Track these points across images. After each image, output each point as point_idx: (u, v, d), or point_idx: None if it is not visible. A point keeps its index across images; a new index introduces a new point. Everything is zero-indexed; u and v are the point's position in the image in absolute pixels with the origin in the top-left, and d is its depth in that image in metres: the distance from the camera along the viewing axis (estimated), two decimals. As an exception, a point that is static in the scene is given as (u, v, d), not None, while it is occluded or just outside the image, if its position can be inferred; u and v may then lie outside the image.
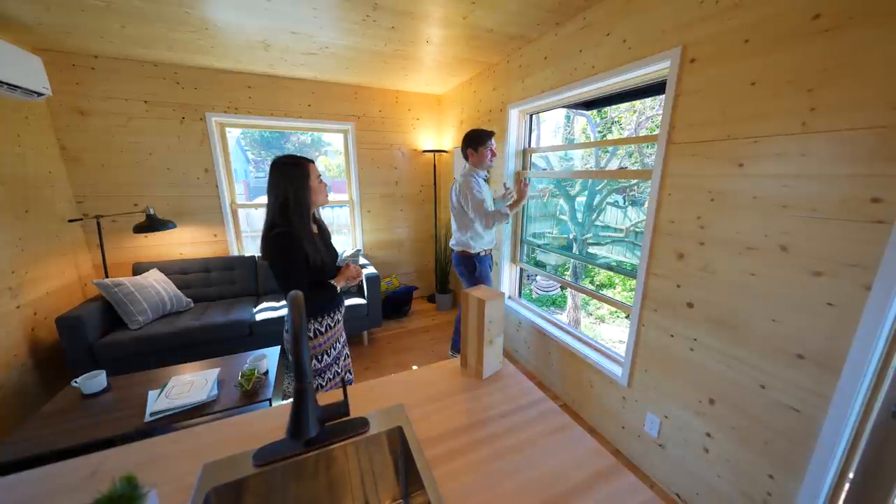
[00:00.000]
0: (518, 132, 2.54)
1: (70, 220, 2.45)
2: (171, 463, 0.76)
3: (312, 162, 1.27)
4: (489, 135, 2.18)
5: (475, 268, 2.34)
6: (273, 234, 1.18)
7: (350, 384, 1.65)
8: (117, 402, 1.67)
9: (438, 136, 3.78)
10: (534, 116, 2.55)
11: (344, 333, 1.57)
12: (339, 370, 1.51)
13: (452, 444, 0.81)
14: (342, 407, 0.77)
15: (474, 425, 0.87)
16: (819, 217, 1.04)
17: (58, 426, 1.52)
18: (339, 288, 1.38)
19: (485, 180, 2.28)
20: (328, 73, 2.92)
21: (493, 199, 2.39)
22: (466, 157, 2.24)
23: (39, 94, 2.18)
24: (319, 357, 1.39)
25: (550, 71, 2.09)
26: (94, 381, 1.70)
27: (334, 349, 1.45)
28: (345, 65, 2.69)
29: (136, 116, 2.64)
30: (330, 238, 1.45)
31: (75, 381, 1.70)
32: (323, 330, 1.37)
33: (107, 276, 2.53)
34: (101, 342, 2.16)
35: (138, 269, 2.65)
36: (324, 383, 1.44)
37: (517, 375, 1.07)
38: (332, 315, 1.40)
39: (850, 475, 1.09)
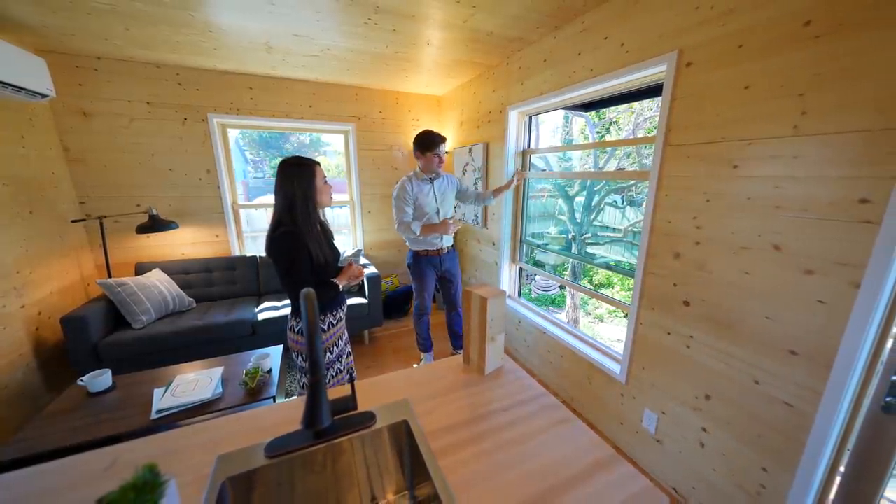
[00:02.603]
0: (517, 133, 2.58)
1: (73, 221, 2.47)
2: (185, 455, 0.78)
3: (318, 163, 1.30)
4: (438, 140, 2.17)
5: (412, 264, 2.44)
6: (278, 233, 1.21)
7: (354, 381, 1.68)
8: (123, 400, 1.69)
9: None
10: (533, 117, 2.58)
11: (346, 332, 1.59)
12: (342, 367, 1.53)
13: (456, 436, 0.83)
14: (350, 401, 0.79)
15: (477, 419, 0.89)
16: (810, 217, 1.07)
17: (65, 424, 1.54)
18: (341, 287, 1.41)
19: (429, 181, 2.29)
20: (329, 75, 2.95)
21: (456, 199, 2.44)
22: (417, 158, 2.26)
23: (43, 96, 2.20)
24: (322, 355, 1.41)
25: (550, 73, 2.12)
26: (100, 379, 1.72)
27: (337, 346, 1.48)
28: (346, 66, 2.72)
29: (139, 117, 2.66)
30: (332, 238, 1.47)
31: (81, 380, 1.72)
32: (326, 328, 1.40)
33: (110, 276, 2.55)
34: (104, 341, 2.18)
35: (141, 269, 2.67)
36: (327, 381, 1.46)
37: (518, 371, 1.10)
38: (334, 313, 1.43)
39: (841, 468, 1.12)
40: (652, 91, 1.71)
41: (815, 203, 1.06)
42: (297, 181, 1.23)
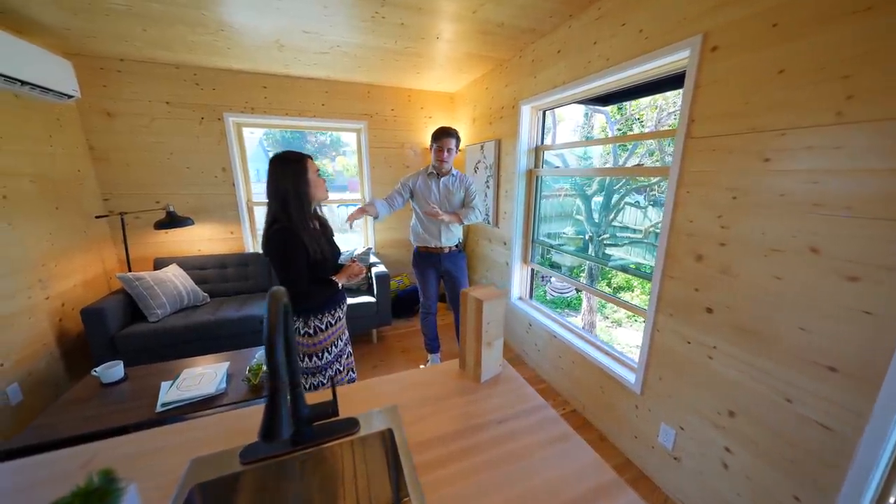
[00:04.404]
0: (530, 129, 2.48)
1: (97, 217, 2.57)
2: (163, 456, 0.76)
3: (310, 157, 1.27)
4: (440, 133, 2.15)
5: (413, 260, 2.40)
6: (273, 230, 1.19)
7: (353, 382, 1.65)
8: (133, 391, 1.72)
9: (451, 135, 3.74)
10: (548, 113, 2.48)
11: (347, 331, 1.56)
12: (341, 367, 1.50)
13: (444, 449, 0.77)
14: (330, 406, 0.75)
15: (468, 431, 0.83)
16: (855, 216, 0.94)
17: (77, 413, 1.58)
18: (340, 285, 1.37)
19: (436, 176, 2.25)
20: (341, 73, 2.95)
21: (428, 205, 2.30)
22: (431, 152, 2.26)
23: (69, 97, 2.30)
24: (320, 354, 1.39)
25: (564, 65, 2.02)
26: (112, 370, 1.76)
27: (336, 346, 1.45)
28: (357, 64, 2.70)
29: (159, 117, 2.74)
30: (332, 234, 1.44)
31: (95, 371, 1.77)
32: (323, 327, 1.37)
33: (130, 271, 2.64)
34: (121, 333, 2.25)
35: (159, 264, 2.75)
36: (325, 381, 1.44)
37: (517, 380, 1.03)
38: (332, 312, 1.40)
39: (892, 500, 0.98)
40: (675, 81, 1.58)
41: (862, 200, 0.93)
42: (288, 176, 1.20)
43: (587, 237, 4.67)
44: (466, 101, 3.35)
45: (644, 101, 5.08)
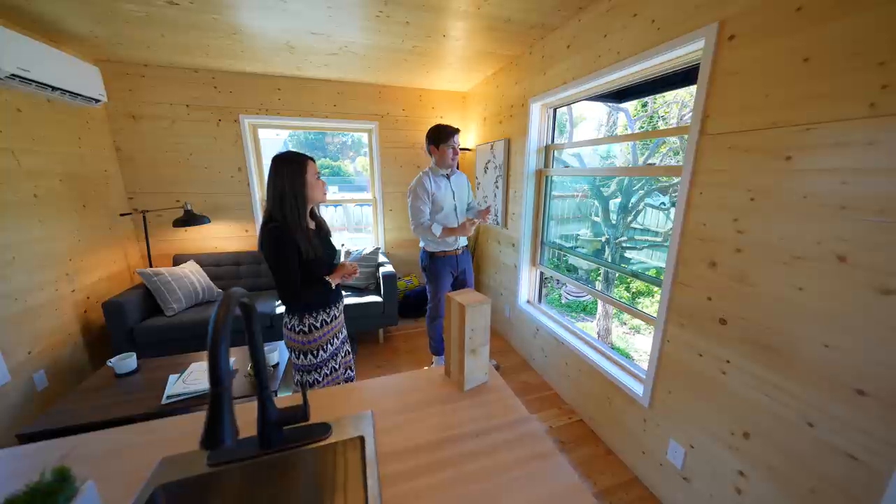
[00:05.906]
0: (540, 127, 2.40)
1: (121, 215, 2.71)
2: (137, 453, 0.76)
3: (311, 159, 1.27)
4: (451, 132, 2.08)
5: (428, 266, 2.30)
6: (267, 228, 1.20)
7: (351, 380, 1.64)
8: (144, 383, 1.79)
9: (462, 134, 3.70)
10: (565, 112, 2.39)
11: (345, 329, 1.56)
12: (337, 366, 1.50)
13: (415, 461, 0.74)
14: (300, 411, 0.73)
15: (443, 443, 0.79)
16: (890, 221, 0.83)
17: (91, 402, 1.65)
18: (333, 284, 1.37)
19: (445, 177, 2.19)
20: (352, 74, 2.97)
21: (466, 206, 2.33)
22: (430, 154, 2.18)
23: (97, 101, 2.42)
24: (315, 352, 1.39)
25: (573, 60, 1.94)
26: (125, 362, 1.84)
27: (331, 344, 1.44)
28: (367, 64, 2.71)
29: (180, 119, 2.85)
30: (328, 235, 1.44)
31: (110, 362, 1.86)
32: (318, 325, 1.37)
33: (150, 266, 2.76)
34: (140, 326, 2.36)
35: (178, 261, 2.87)
36: (320, 378, 1.44)
37: (504, 390, 0.98)
38: (327, 311, 1.39)
39: (929, 546, 0.86)
40: (693, 74, 1.48)
41: (898, 203, 0.82)
42: (287, 176, 1.20)
43: (603, 240, 4.49)
44: (478, 99, 3.30)
45: (669, 97, 4.84)
